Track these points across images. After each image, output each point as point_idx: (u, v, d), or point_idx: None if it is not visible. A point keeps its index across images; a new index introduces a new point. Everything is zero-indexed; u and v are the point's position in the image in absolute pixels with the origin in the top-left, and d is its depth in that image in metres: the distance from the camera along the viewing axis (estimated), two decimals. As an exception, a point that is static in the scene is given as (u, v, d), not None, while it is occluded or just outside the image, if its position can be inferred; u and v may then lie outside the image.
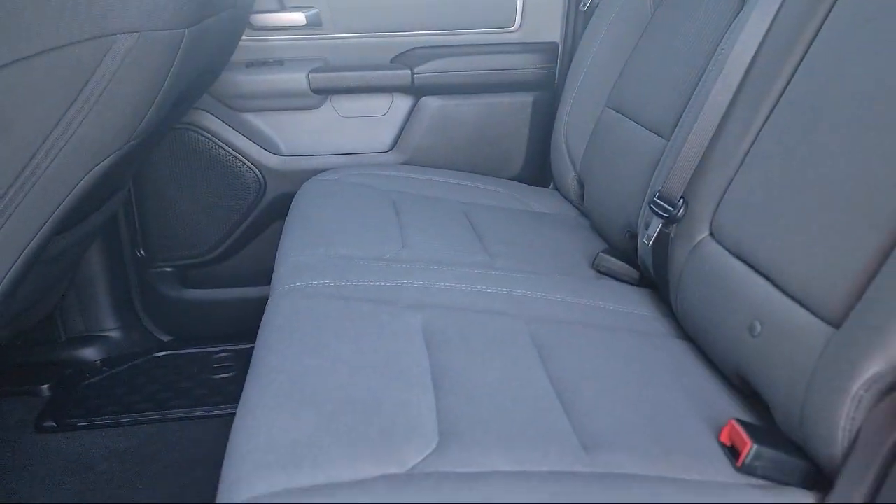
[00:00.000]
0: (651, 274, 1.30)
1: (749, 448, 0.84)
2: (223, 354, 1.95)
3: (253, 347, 1.02)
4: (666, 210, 1.19)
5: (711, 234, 1.12)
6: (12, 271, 1.14)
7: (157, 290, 1.98)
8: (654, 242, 1.24)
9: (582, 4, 1.90)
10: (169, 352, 1.96)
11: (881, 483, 0.74)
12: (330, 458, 0.76)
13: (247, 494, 0.72)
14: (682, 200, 1.18)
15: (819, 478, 0.83)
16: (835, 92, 0.95)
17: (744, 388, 0.99)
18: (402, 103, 1.94)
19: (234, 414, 0.85)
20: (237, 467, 0.75)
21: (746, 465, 0.84)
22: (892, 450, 0.74)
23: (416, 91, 1.92)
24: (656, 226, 1.22)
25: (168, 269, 1.98)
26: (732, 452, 0.87)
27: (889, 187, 0.81)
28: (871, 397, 0.76)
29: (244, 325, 1.71)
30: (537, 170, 2.01)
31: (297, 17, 1.83)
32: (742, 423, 0.88)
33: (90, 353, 1.93)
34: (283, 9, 1.85)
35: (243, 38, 1.79)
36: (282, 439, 0.78)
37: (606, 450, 0.84)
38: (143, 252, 1.96)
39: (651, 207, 1.23)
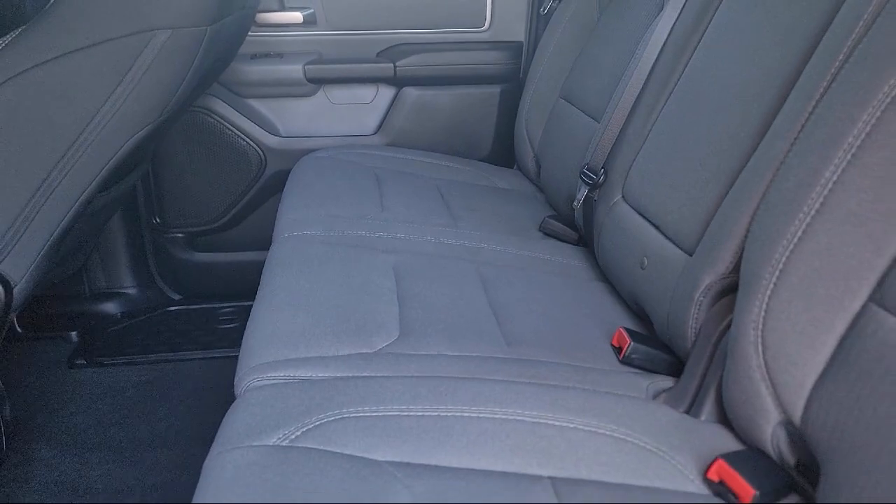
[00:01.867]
0: (581, 231, 1.59)
1: (628, 345, 1.14)
2: (227, 309, 2.24)
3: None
4: (591, 178, 1.49)
5: (623, 196, 1.41)
6: (66, 219, 1.43)
7: (169, 253, 2.26)
8: (582, 205, 1.53)
9: (542, 9, 2.20)
10: (180, 307, 2.25)
11: (711, 360, 1.04)
12: (319, 342, 1.06)
13: (258, 361, 1.01)
14: (602, 171, 1.47)
15: (679, 366, 1.12)
16: (706, 84, 1.25)
17: (636, 310, 1.29)
18: (386, 92, 2.23)
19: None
20: (251, 346, 1.04)
21: (626, 357, 1.14)
22: (720, 337, 1.03)
23: (398, 82, 2.21)
24: (583, 192, 1.52)
25: (179, 235, 2.27)
26: (619, 351, 1.16)
27: (729, 154, 1.11)
28: (707, 302, 1.06)
29: (245, 285, 1.98)
30: (503, 152, 2.30)
31: (296, 16, 2.12)
32: (627, 329, 1.18)
33: (111, 307, 2.21)
34: (283, 8, 2.13)
35: (248, 33, 2.07)
36: (283, 330, 1.08)
37: (524, 345, 1.14)
38: (158, 220, 2.24)
39: (581, 177, 1.53)
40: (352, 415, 0.89)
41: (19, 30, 1.26)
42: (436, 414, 0.91)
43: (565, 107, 1.91)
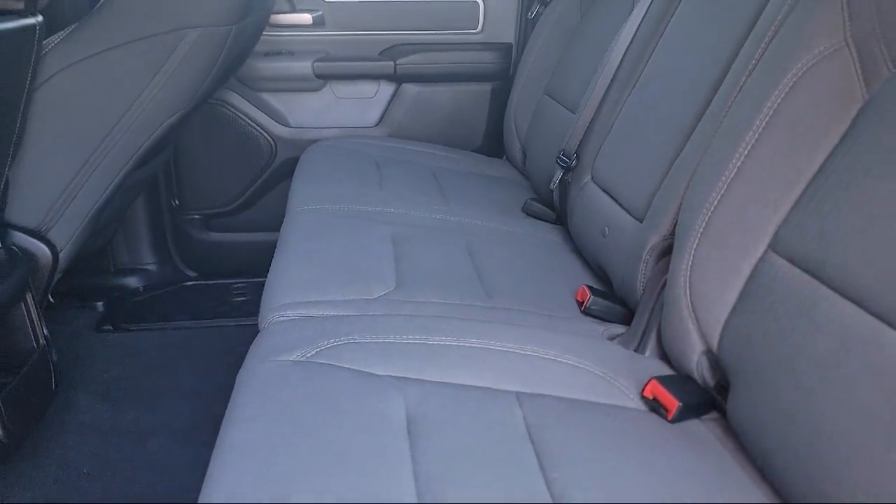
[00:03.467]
0: (558, 211, 1.80)
1: (588, 298, 1.35)
2: (239, 285, 2.44)
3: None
4: (565, 162, 1.70)
5: (592, 177, 1.62)
6: (106, 193, 1.63)
7: (187, 233, 2.47)
8: (558, 187, 1.74)
9: (530, 13, 2.41)
10: (196, 282, 2.46)
11: (654, 308, 1.24)
12: (327, 289, 1.27)
13: (278, 303, 1.22)
14: (575, 155, 1.68)
15: (631, 317, 1.33)
16: (661, 78, 1.46)
17: (599, 273, 1.50)
18: (387, 88, 2.44)
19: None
20: (272, 291, 1.25)
21: (587, 308, 1.35)
22: (662, 288, 1.24)
23: (398, 79, 2.42)
24: (559, 175, 1.72)
25: (196, 216, 2.47)
26: (581, 304, 1.37)
27: (674, 137, 1.32)
28: (652, 260, 1.27)
29: (257, 263, 2.20)
30: (493, 144, 2.51)
31: (305, 18, 2.33)
32: (589, 286, 1.39)
33: (133, 282, 2.41)
34: (293, 10, 2.35)
35: (264, 32, 2.28)
36: (298, 279, 1.29)
37: (501, 296, 1.35)
38: (177, 202, 2.45)
39: (557, 162, 1.74)
40: (356, 341, 1.09)
41: (73, 26, 1.47)
42: (424, 342, 1.11)
43: (548, 102, 2.12)
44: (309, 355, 1.05)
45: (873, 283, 0.82)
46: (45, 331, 1.50)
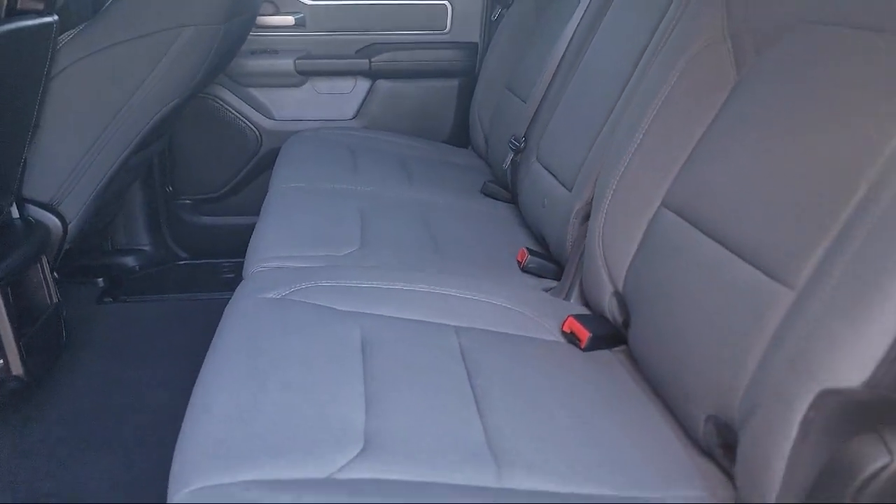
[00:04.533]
0: (511, 190, 2.03)
1: (526, 257, 1.57)
2: (227, 264, 2.65)
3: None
4: (515, 145, 1.93)
5: (537, 157, 1.85)
6: (110, 172, 1.85)
7: (179, 217, 2.68)
8: (509, 167, 1.97)
9: (493, 15, 2.64)
10: (187, 261, 2.67)
11: (579, 262, 1.47)
12: (301, 247, 1.49)
13: (260, 257, 1.44)
14: (524, 138, 1.91)
15: (562, 273, 1.56)
16: (593, 68, 1.70)
17: (540, 240, 1.73)
18: (363, 84, 2.67)
19: None
20: (254, 247, 1.48)
21: (525, 266, 1.58)
22: (581, 242, 1.47)
23: (373, 75, 2.65)
24: (510, 157, 1.96)
25: (188, 202, 2.69)
26: (520, 263, 1.60)
27: (599, 117, 1.55)
28: (578, 223, 1.50)
29: (242, 244, 2.40)
30: (460, 135, 2.73)
31: (288, 19, 2.56)
32: (528, 248, 1.62)
33: (130, 261, 2.62)
34: (278, 13, 2.57)
35: (250, 32, 2.50)
36: (276, 239, 1.51)
37: (450, 257, 1.57)
38: (170, 188, 2.66)
39: (509, 145, 1.97)
40: (323, 285, 1.32)
41: (83, 24, 1.69)
42: (379, 286, 1.34)
43: (507, 95, 2.35)
44: (283, 294, 1.27)
45: (721, 219, 1.05)
46: (56, 291, 1.72)
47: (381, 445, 0.91)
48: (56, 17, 1.51)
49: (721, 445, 0.97)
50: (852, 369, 0.71)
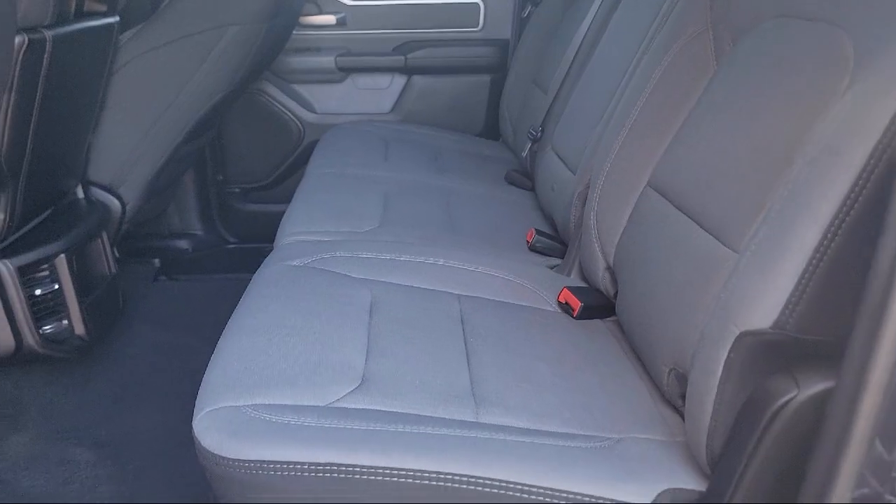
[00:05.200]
0: (531, 177, 2.15)
1: (533, 236, 1.70)
2: (270, 248, 2.83)
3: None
4: (532, 135, 2.05)
5: (551, 147, 1.97)
6: (162, 160, 2.05)
7: (228, 204, 2.89)
8: (528, 155, 2.09)
9: (524, 13, 2.76)
10: (236, 245, 2.88)
11: (579, 241, 1.59)
12: (325, 223, 1.65)
13: (289, 231, 1.60)
14: (541, 129, 2.03)
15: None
16: (603, 62, 1.81)
17: (551, 223, 1.85)
18: (399, 80, 2.83)
19: None
20: (284, 223, 1.64)
21: (532, 245, 1.70)
22: (581, 223, 1.58)
23: (409, 71, 2.80)
24: (528, 145, 2.08)
25: (237, 190, 2.89)
26: (528, 243, 1.73)
27: (602, 107, 1.66)
28: (579, 204, 1.61)
29: (287, 229, 2.59)
30: (492, 128, 2.86)
31: (330, 19, 2.74)
32: (537, 229, 1.74)
33: (183, 244, 2.84)
34: (320, 12, 2.75)
35: (294, 31, 2.69)
36: (304, 216, 1.68)
37: (463, 235, 1.71)
38: (221, 177, 2.87)
39: (527, 135, 2.09)
40: (342, 255, 1.47)
41: (141, 25, 1.90)
42: (392, 258, 1.48)
43: (532, 89, 2.47)
44: (306, 262, 1.43)
45: (688, 194, 1.16)
46: (115, 264, 1.93)
47: (375, 383, 1.05)
48: (117, 18, 1.71)
49: (681, 395, 1.08)
50: (763, 314, 0.82)
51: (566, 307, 1.43)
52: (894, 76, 0.60)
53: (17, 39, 1.36)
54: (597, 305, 1.42)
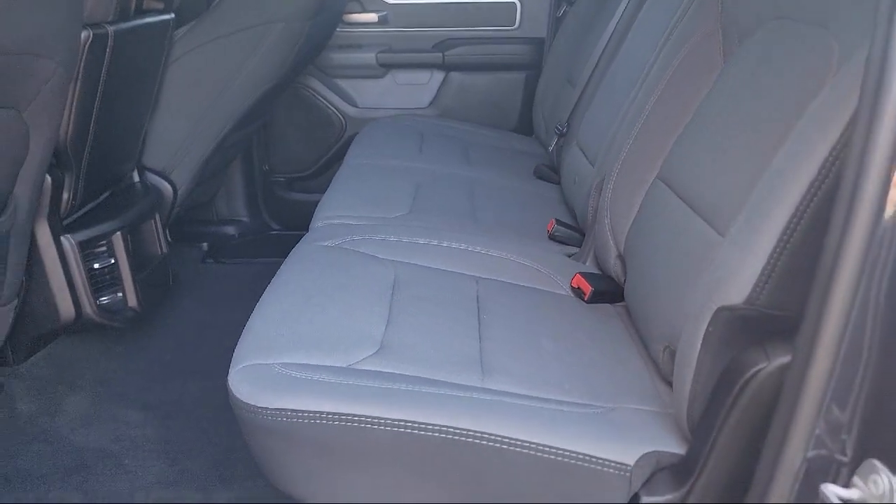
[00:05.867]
0: (558, 171, 2.24)
1: (553, 225, 1.79)
2: (312, 235, 2.98)
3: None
4: (559, 130, 2.13)
5: (576, 142, 2.05)
6: (211, 147, 2.20)
7: (273, 193, 3.04)
8: (554, 149, 2.18)
9: (558, 13, 2.84)
10: (280, 232, 3.02)
11: (594, 230, 1.67)
12: (357, 209, 1.77)
13: (323, 215, 1.72)
14: (567, 124, 2.11)
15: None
16: (626, 60, 1.88)
17: (573, 214, 1.93)
18: (438, 76, 2.94)
19: None
20: (320, 208, 1.76)
21: (552, 234, 1.79)
22: (597, 214, 1.66)
23: (447, 68, 2.91)
24: (554, 140, 2.16)
25: (281, 179, 3.04)
26: (548, 232, 1.81)
27: (623, 104, 1.73)
28: (595, 194, 1.69)
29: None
30: (526, 124, 2.95)
31: (372, 17, 2.86)
32: (557, 219, 1.82)
33: (230, 229, 3.00)
34: (363, 10, 2.87)
35: (337, 28, 2.82)
36: (339, 202, 1.80)
37: (486, 223, 1.80)
38: (266, 167, 3.02)
39: (554, 130, 2.18)
40: (371, 238, 1.58)
41: (194, 21, 2.05)
42: (417, 242, 1.59)
43: (567, 87, 2.55)
44: (337, 243, 1.55)
45: (690, 184, 1.24)
46: (166, 244, 2.08)
47: (392, 350, 1.16)
48: (173, 15, 1.86)
49: (673, 371, 1.16)
50: (737, 291, 0.90)
51: (578, 291, 1.51)
52: (859, 75, 0.68)
53: (83, 34, 1.51)
54: (607, 291, 1.50)
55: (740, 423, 0.90)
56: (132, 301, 1.90)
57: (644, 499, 0.96)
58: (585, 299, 1.49)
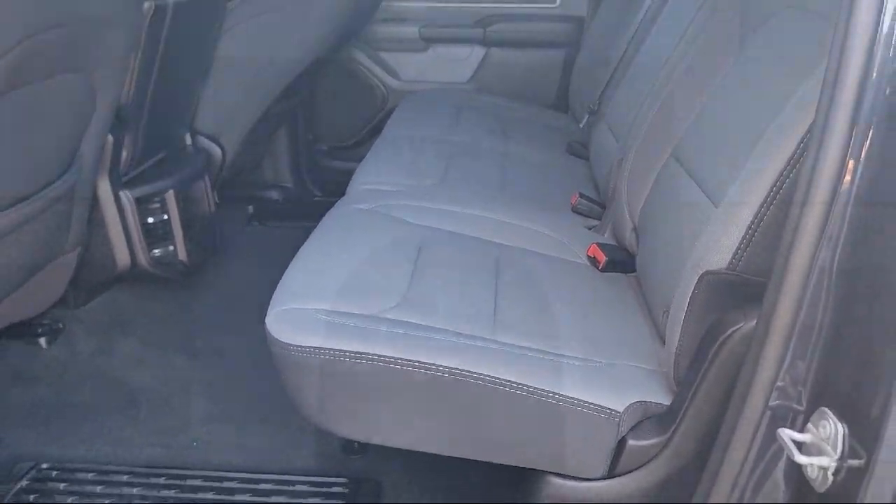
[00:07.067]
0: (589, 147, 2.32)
1: (576, 199, 1.87)
2: (352, 202, 3.12)
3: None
4: (591, 109, 2.21)
5: (605, 120, 2.12)
6: (256, 115, 2.33)
7: (316, 161, 3.18)
8: (585, 126, 2.25)
9: (599, -9, 2.89)
10: (322, 198, 3.16)
11: (614, 203, 1.75)
12: (391, 176, 1.88)
13: (359, 182, 1.84)
14: (598, 103, 2.19)
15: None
16: (653, 46, 1.94)
17: (597, 187, 2.01)
18: (478, 51, 3.02)
19: None
20: (356, 176, 1.89)
21: (575, 207, 1.88)
22: (615, 189, 1.74)
23: (488, 44, 2.99)
24: (585, 118, 2.24)
25: (324, 148, 3.17)
26: (572, 205, 1.90)
27: (650, 86, 1.80)
28: (617, 170, 1.77)
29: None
30: (562, 101, 3.02)
31: (416, -8, 2.95)
32: (580, 193, 1.91)
33: (274, 194, 3.14)
34: (408, -15, 2.97)
35: (382, 2, 2.91)
36: (374, 170, 1.91)
37: (512, 194, 1.90)
38: (311, 136, 3.15)
39: (587, 109, 2.25)
40: (403, 203, 1.70)
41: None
42: (444, 209, 1.70)
43: (599, 65, 2.61)
44: (370, 207, 1.67)
45: (695, 159, 1.32)
46: (214, 204, 2.23)
47: (413, 303, 1.28)
48: (226, -11, 1.99)
49: (670, 333, 1.25)
50: (720, 257, 0.99)
51: (593, 260, 1.61)
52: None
53: (146, 5, 1.64)
54: (620, 261, 1.59)
55: (718, 377, 1.00)
56: (182, 255, 2.05)
57: (630, 441, 1.07)
58: (600, 268, 1.58)
